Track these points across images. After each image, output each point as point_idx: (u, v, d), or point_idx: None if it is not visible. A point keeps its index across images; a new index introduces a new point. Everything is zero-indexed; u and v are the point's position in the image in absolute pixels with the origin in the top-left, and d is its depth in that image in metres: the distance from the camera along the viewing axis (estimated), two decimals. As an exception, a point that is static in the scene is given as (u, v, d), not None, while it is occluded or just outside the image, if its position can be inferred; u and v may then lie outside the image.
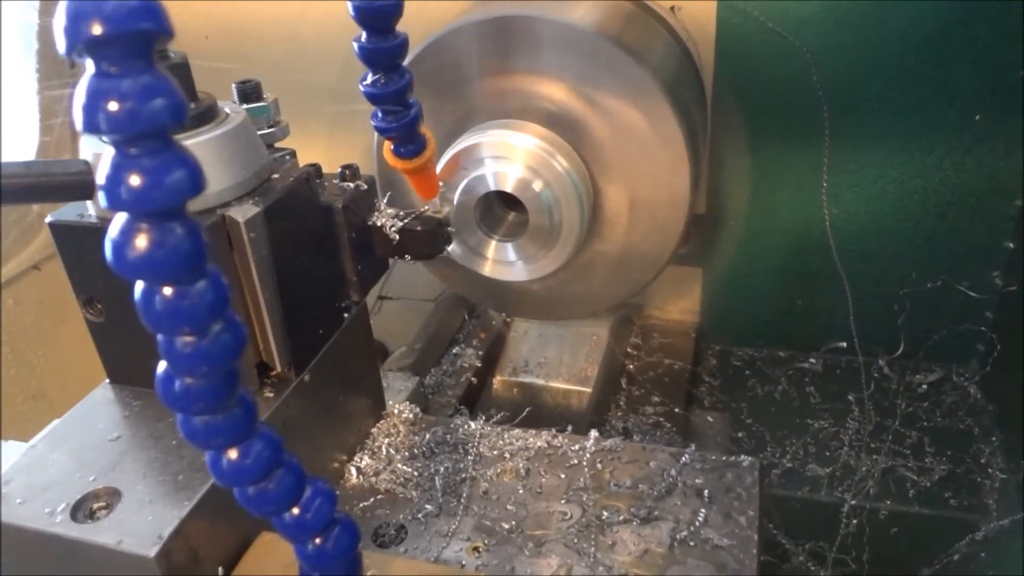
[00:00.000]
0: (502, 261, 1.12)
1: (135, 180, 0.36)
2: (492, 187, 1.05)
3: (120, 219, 0.38)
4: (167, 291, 0.40)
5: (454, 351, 1.41)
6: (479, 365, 1.38)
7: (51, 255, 1.40)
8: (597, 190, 1.09)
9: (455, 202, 1.07)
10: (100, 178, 0.37)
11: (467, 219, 1.08)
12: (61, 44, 0.34)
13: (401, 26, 0.75)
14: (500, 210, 1.14)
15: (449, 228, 0.88)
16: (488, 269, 1.13)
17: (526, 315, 1.43)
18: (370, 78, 0.75)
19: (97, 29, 0.33)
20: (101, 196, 0.38)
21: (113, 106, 0.34)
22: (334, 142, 1.51)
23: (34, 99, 1.48)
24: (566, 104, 1.04)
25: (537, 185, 1.03)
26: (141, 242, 0.38)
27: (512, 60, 1.04)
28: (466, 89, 1.08)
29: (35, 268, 1.42)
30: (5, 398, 1.35)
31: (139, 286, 0.40)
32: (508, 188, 1.04)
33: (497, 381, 1.44)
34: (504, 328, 1.49)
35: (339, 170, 0.85)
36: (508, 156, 1.04)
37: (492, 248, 1.11)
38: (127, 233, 0.38)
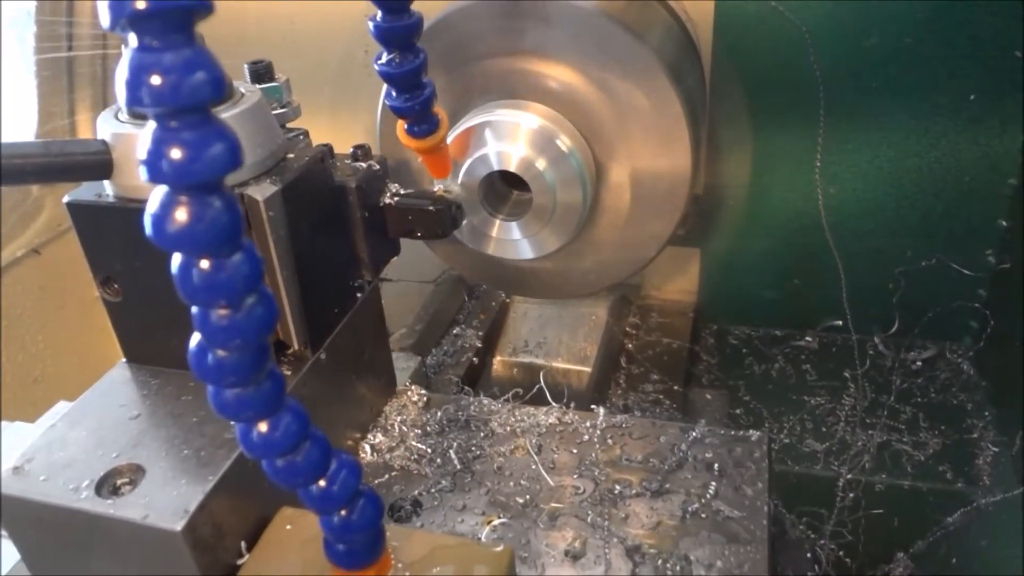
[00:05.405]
0: (506, 240, 1.12)
1: (176, 153, 0.37)
2: (496, 167, 1.05)
3: (160, 192, 0.39)
4: (204, 264, 0.41)
5: (454, 332, 1.42)
6: (479, 345, 1.38)
7: (51, 239, 1.40)
8: (599, 169, 1.10)
9: (459, 181, 1.07)
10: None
11: (471, 199, 1.09)
12: (105, 18, 0.34)
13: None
14: (503, 189, 1.14)
15: (461, 207, 0.89)
16: (492, 248, 1.14)
17: (527, 294, 1.43)
18: (385, 57, 0.76)
19: (140, 4, 0.34)
20: (120, 175, 0.38)
21: (156, 80, 0.35)
22: (337, 125, 1.50)
23: (32, 83, 1.47)
24: (569, 83, 1.04)
25: (540, 164, 1.03)
26: (181, 215, 0.38)
27: (515, 40, 1.04)
28: (468, 69, 1.08)
29: (35, 252, 1.42)
30: (8, 381, 1.36)
31: (176, 259, 0.41)
32: (512, 168, 1.04)
33: (497, 361, 1.45)
34: (504, 309, 1.50)
35: (351, 150, 0.86)
36: (511, 135, 1.04)
37: (496, 227, 1.12)
38: (167, 206, 0.38)
